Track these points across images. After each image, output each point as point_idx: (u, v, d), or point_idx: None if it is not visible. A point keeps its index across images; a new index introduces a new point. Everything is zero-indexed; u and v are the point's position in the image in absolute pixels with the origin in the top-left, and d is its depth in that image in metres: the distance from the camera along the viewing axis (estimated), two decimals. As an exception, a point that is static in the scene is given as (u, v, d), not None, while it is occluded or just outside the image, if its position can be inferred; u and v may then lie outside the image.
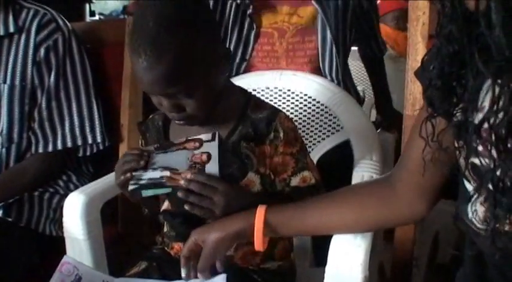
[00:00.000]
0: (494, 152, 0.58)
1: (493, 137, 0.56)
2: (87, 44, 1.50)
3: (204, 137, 0.91)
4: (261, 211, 0.87)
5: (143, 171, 0.90)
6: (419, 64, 0.93)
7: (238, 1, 1.39)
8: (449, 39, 0.63)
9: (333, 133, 1.27)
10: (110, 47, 1.50)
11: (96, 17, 3.57)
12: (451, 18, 0.61)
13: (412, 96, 0.98)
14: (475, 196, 0.65)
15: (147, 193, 0.90)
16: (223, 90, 0.95)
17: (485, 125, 0.57)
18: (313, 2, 1.35)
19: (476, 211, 0.66)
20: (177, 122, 0.93)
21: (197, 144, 0.90)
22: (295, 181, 0.96)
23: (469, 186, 0.68)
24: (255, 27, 1.41)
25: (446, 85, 0.66)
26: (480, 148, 0.61)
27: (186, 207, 0.88)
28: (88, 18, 2.90)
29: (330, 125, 1.28)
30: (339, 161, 1.22)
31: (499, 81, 0.55)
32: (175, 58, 0.82)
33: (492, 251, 0.64)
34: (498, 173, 0.57)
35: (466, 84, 0.64)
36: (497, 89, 0.55)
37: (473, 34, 0.58)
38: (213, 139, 0.89)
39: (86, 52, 1.42)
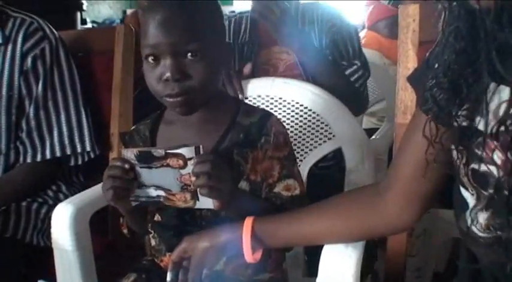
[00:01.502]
0: (497, 158, 0.57)
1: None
2: (78, 53, 1.49)
3: (186, 152, 0.85)
4: (248, 223, 0.85)
5: (139, 189, 0.88)
6: (410, 71, 0.93)
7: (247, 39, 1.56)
8: (456, 37, 0.62)
9: (324, 141, 1.26)
10: (100, 55, 1.48)
11: (90, 25, 3.56)
12: (458, 14, 0.60)
13: (403, 104, 0.97)
14: (474, 203, 0.63)
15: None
16: (216, 95, 0.94)
17: (501, 129, 0.55)
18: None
19: (477, 219, 0.64)
20: (172, 100, 0.88)
21: (180, 162, 0.84)
22: (278, 187, 0.94)
23: (467, 194, 0.66)
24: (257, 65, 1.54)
25: (451, 84, 0.64)
26: (484, 154, 0.60)
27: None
28: (79, 27, 2.88)
29: (321, 133, 1.27)
30: (332, 170, 1.22)
31: None
32: (197, 8, 0.86)
33: (494, 259, 0.63)
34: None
35: (471, 84, 0.62)
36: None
37: (483, 31, 0.56)
38: (196, 153, 0.84)
39: (77, 60, 1.40)
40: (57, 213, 1.14)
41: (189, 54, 0.85)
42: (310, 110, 1.28)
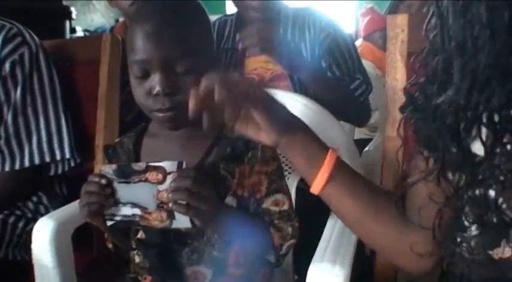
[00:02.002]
0: (494, 182, 0.55)
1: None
2: (66, 62, 1.46)
3: (167, 166, 0.82)
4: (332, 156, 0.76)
5: (114, 206, 0.85)
6: (398, 83, 0.91)
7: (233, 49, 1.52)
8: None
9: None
10: (86, 64, 1.45)
11: (81, 34, 3.54)
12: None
13: (391, 116, 0.95)
14: (466, 225, 0.61)
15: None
16: None
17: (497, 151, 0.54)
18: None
19: (467, 238, 0.63)
20: (162, 115, 0.86)
21: (160, 176, 0.82)
22: (267, 203, 0.92)
23: (467, 223, 0.64)
24: (242, 73, 1.50)
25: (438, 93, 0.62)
26: (482, 178, 0.58)
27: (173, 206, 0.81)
28: (68, 35, 2.86)
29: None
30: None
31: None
32: (186, 22, 0.84)
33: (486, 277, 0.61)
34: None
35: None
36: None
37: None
38: (179, 168, 0.81)
39: (64, 69, 1.38)
40: (38, 228, 1.11)
41: (180, 68, 0.83)
42: (299, 123, 1.25)
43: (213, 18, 1.32)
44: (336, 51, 1.46)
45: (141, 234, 0.99)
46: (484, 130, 0.56)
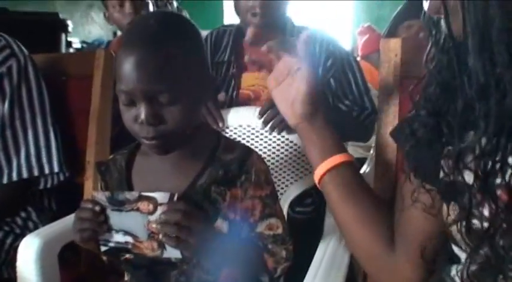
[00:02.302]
0: (487, 213, 0.53)
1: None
2: (61, 76, 1.46)
3: (159, 197, 0.83)
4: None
5: (108, 232, 0.86)
6: (391, 106, 0.90)
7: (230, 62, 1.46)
8: (440, 69, 0.60)
9: (305, 174, 1.22)
10: (79, 79, 1.44)
11: (79, 45, 3.54)
12: (442, 47, 0.58)
13: (384, 140, 0.94)
14: (466, 259, 0.60)
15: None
16: (195, 128, 0.90)
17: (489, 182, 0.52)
18: None
19: (463, 271, 0.61)
20: (148, 142, 0.85)
21: (151, 206, 0.82)
22: (260, 227, 0.91)
23: (459, 252, 0.63)
24: (236, 88, 1.45)
25: (433, 122, 0.61)
26: (474, 209, 0.56)
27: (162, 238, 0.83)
28: (64, 49, 2.86)
29: (302, 166, 1.24)
30: (310, 215, 1.18)
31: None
32: (172, 53, 0.81)
33: None
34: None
35: (453, 127, 0.59)
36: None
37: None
38: (170, 200, 0.82)
39: (57, 84, 1.37)
40: (24, 246, 1.10)
41: (164, 99, 0.81)
42: (291, 142, 1.24)
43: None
44: (343, 79, 1.43)
45: (129, 254, 0.98)
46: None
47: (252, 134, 1.28)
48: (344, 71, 1.43)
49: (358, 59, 3.24)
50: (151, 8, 2.11)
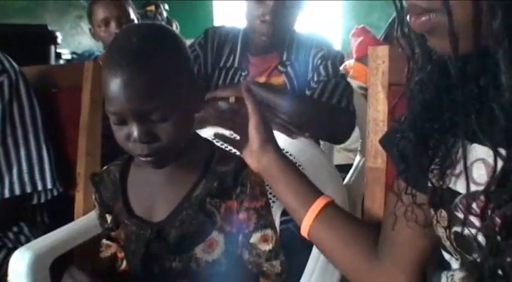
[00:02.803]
0: (476, 221, 0.54)
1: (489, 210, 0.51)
2: (51, 88, 1.46)
3: None
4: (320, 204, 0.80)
5: None
6: (380, 114, 0.90)
7: (238, 70, 1.47)
8: (421, 89, 0.59)
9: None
10: (69, 91, 1.44)
11: (69, 56, 3.53)
12: (422, 66, 0.57)
13: (373, 148, 0.94)
14: (457, 267, 0.60)
15: None
16: (189, 139, 0.90)
17: (481, 198, 0.52)
18: (283, 75, 1.44)
19: (453, 277, 0.61)
20: (143, 159, 0.84)
21: None
22: (255, 237, 0.90)
23: (449, 257, 0.63)
24: None
25: (419, 137, 0.61)
26: (461, 216, 0.56)
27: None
28: (53, 60, 2.85)
29: (294, 174, 1.23)
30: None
31: (501, 150, 0.49)
32: (158, 69, 0.79)
33: None
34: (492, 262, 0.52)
35: (441, 139, 0.59)
36: (498, 161, 0.49)
37: (454, 85, 0.53)
38: None
39: (47, 96, 1.36)
40: (15, 260, 1.08)
41: (155, 117, 0.80)
42: (283, 150, 1.24)
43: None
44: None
45: (125, 266, 0.98)
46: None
47: (243, 143, 1.28)
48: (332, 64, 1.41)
49: (353, 60, 3.26)
50: None
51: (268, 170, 0.84)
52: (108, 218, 0.99)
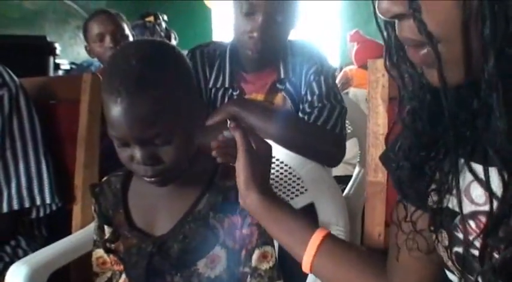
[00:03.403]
0: (476, 241, 0.53)
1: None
2: (49, 100, 1.45)
3: None
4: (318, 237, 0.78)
5: None
6: (380, 128, 0.89)
7: (229, 89, 1.38)
8: (413, 119, 0.57)
9: (297, 195, 1.21)
10: (67, 103, 1.43)
11: (68, 67, 3.53)
12: (413, 94, 0.56)
13: (373, 161, 0.93)
14: None
15: None
16: (192, 155, 0.90)
17: (479, 217, 0.51)
18: (282, 92, 1.37)
19: None
20: (148, 179, 0.84)
21: None
22: (255, 256, 0.89)
23: (452, 277, 0.62)
24: None
25: (414, 166, 0.60)
26: (461, 236, 0.55)
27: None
28: (52, 71, 2.85)
29: (294, 187, 1.22)
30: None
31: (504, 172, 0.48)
32: (160, 96, 0.78)
33: None
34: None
35: (437, 164, 0.58)
36: (495, 177, 0.49)
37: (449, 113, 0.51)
38: None
39: (45, 108, 1.35)
40: (11, 274, 1.07)
41: (158, 141, 0.80)
42: (282, 163, 1.23)
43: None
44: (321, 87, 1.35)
45: (124, 280, 0.97)
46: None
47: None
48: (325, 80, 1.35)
49: (354, 67, 3.25)
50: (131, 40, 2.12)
51: (253, 210, 0.81)
52: (107, 230, 0.98)
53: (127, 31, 2.11)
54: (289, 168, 1.23)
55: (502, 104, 0.44)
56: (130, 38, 2.12)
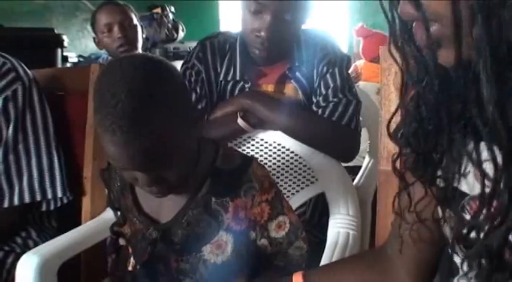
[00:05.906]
0: (484, 223, 0.52)
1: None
2: (55, 91, 1.44)
3: None
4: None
5: None
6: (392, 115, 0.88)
7: (241, 82, 1.34)
8: (417, 104, 0.58)
9: (307, 185, 1.21)
10: (75, 94, 1.42)
11: (76, 60, 3.52)
12: (418, 79, 0.55)
13: (386, 150, 0.92)
14: (466, 270, 0.58)
15: None
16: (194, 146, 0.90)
17: (486, 192, 0.50)
18: (292, 82, 1.33)
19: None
20: (154, 195, 0.86)
21: None
22: (271, 227, 0.90)
23: (458, 259, 0.61)
24: None
25: (422, 145, 0.59)
26: (469, 217, 0.54)
27: None
28: (60, 64, 2.84)
29: (304, 177, 1.22)
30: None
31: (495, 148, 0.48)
32: (154, 128, 0.75)
33: None
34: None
35: (445, 144, 0.58)
36: (498, 156, 0.48)
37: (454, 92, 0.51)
38: None
39: (53, 99, 1.35)
40: (22, 265, 1.07)
41: (159, 169, 0.81)
42: (292, 152, 1.23)
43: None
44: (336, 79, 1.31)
45: (132, 264, 0.98)
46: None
47: (253, 145, 1.27)
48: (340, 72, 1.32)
49: (362, 61, 3.22)
50: (139, 31, 2.11)
51: None
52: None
53: (135, 21, 2.10)
54: (300, 158, 1.22)
55: (490, 71, 0.43)
56: (139, 28, 2.11)
